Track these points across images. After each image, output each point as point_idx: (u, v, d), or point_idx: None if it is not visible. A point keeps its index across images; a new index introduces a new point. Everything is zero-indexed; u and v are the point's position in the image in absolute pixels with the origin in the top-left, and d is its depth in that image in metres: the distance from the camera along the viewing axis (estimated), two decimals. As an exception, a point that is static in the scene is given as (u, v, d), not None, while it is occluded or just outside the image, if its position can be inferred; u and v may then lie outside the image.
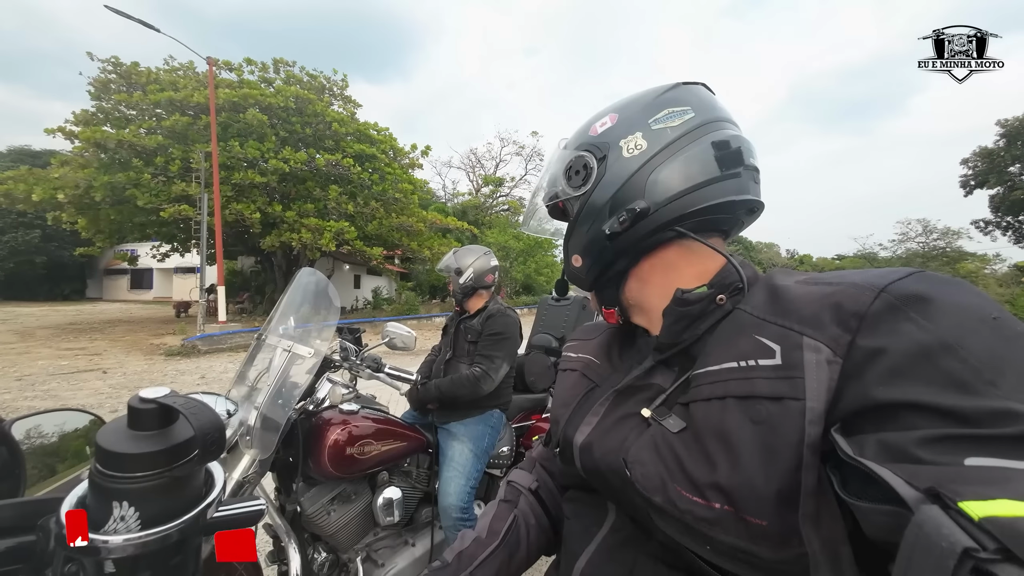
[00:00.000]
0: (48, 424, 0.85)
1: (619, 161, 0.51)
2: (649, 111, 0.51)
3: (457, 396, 1.75)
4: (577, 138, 0.57)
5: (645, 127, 0.51)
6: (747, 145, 0.50)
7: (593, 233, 0.53)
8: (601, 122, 0.54)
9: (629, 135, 0.51)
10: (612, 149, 0.52)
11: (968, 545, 0.23)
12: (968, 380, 0.29)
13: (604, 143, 0.53)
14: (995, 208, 25.78)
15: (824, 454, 0.34)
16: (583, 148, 0.54)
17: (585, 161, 0.53)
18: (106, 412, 4.63)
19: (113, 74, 13.27)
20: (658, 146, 0.49)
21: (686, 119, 0.50)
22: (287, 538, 1.35)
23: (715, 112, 0.51)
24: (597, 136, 0.54)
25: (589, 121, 0.57)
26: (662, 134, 0.50)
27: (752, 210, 0.52)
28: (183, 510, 0.35)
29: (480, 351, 1.82)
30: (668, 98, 0.52)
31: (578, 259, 0.56)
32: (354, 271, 22.34)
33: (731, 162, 0.49)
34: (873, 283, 0.36)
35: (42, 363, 7.35)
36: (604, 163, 0.52)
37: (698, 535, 0.40)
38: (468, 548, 0.61)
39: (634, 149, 0.50)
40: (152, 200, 11.68)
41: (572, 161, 0.55)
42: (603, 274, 0.55)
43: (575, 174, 0.54)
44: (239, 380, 1.42)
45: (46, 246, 23.13)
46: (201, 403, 0.34)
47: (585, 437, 0.53)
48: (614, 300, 0.57)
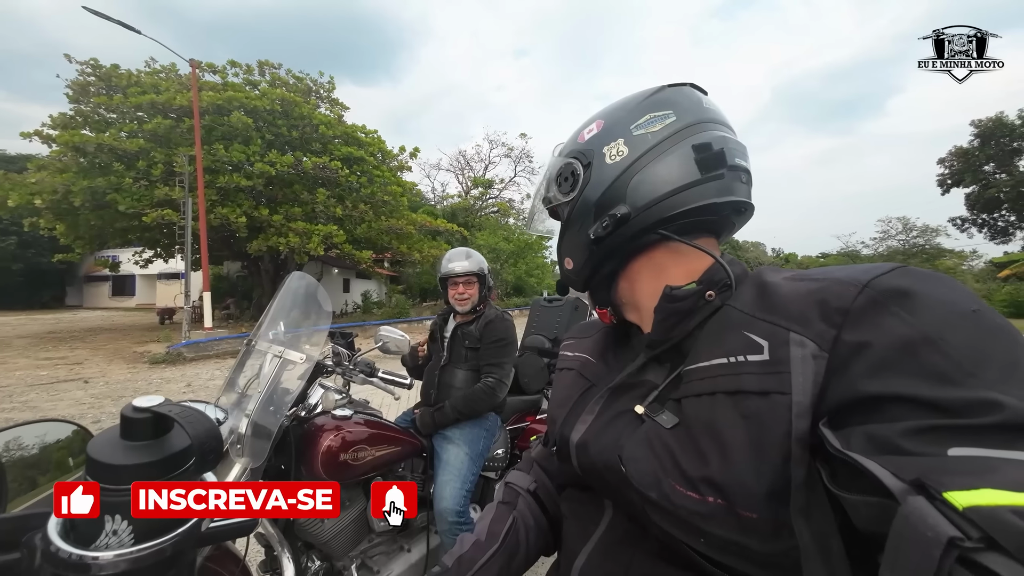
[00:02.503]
0: (29, 435, 0.83)
1: (602, 168, 0.52)
2: (632, 117, 0.53)
3: (476, 410, 1.76)
4: (568, 145, 0.59)
5: (627, 133, 0.52)
6: (732, 146, 0.50)
7: (580, 237, 0.54)
8: (588, 129, 0.56)
9: (612, 142, 0.52)
10: (596, 156, 0.53)
11: (953, 535, 0.24)
12: (950, 372, 0.30)
13: (589, 150, 0.54)
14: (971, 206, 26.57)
15: (812, 448, 0.35)
16: (571, 155, 0.56)
17: (573, 168, 0.55)
18: (88, 423, 4.51)
19: (92, 76, 12.95)
20: (638, 152, 0.50)
21: (667, 123, 0.51)
22: (280, 547, 1.33)
23: (699, 114, 0.52)
24: (584, 143, 0.55)
25: (579, 128, 0.59)
26: (643, 140, 0.51)
27: (740, 211, 0.53)
28: (178, 522, 0.34)
29: (487, 360, 1.81)
30: (651, 102, 0.53)
31: (569, 261, 0.58)
32: (343, 275, 22.14)
33: (713, 164, 0.49)
34: (857, 279, 0.36)
35: (20, 374, 7.12)
36: (589, 170, 0.53)
37: (692, 529, 0.40)
38: (468, 552, 0.60)
39: (616, 156, 0.52)
40: (134, 205, 11.42)
41: (562, 168, 0.57)
42: (593, 276, 0.57)
43: (564, 180, 0.56)
44: (228, 387, 1.39)
45: (23, 253, 22.54)
46: (197, 411, 0.33)
47: (581, 435, 0.54)
48: (606, 300, 0.58)
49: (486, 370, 1.80)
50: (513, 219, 31.98)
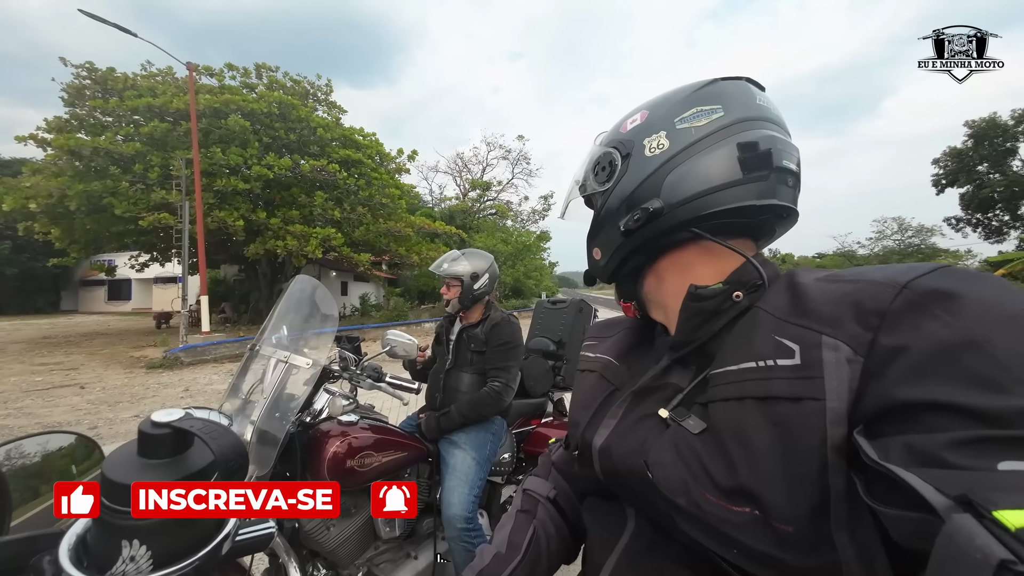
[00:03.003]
0: (31, 445, 0.81)
1: (641, 159, 0.51)
2: (677, 109, 0.51)
3: (483, 415, 1.74)
4: (610, 134, 0.58)
5: (670, 126, 0.50)
6: (781, 146, 0.47)
7: (611, 228, 0.54)
8: (632, 119, 0.55)
9: (653, 134, 0.51)
10: (636, 147, 0.52)
11: (1005, 557, 0.22)
12: (997, 378, 0.28)
13: (630, 141, 0.53)
14: (965, 206, 26.71)
15: (848, 457, 0.33)
16: (611, 144, 0.55)
17: (611, 158, 0.54)
18: (84, 429, 4.46)
19: (88, 80, 12.87)
20: (679, 146, 0.49)
21: (714, 118, 0.49)
22: (286, 556, 1.30)
23: (750, 111, 0.50)
24: (626, 133, 0.54)
25: (623, 117, 0.58)
26: (685, 134, 0.49)
27: (782, 216, 0.51)
28: (198, 545, 0.32)
29: (493, 363, 1.79)
30: (700, 95, 0.51)
31: (598, 252, 0.57)
32: (341, 278, 22.09)
33: (757, 165, 0.46)
34: (894, 279, 0.35)
35: (15, 379, 7.05)
36: (628, 161, 0.52)
37: (723, 538, 0.39)
38: (489, 565, 0.58)
39: (656, 148, 0.50)
40: (130, 209, 11.33)
41: (600, 157, 0.56)
42: (620, 269, 0.56)
43: (601, 170, 0.56)
44: (232, 393, 1.37)
45: (17, 257, 22.38)
46: (219, 425, 0.31)
47: (604, 440, 0.52)
48: (632, 294, 0.58)
49: (492, 374, 1.78)
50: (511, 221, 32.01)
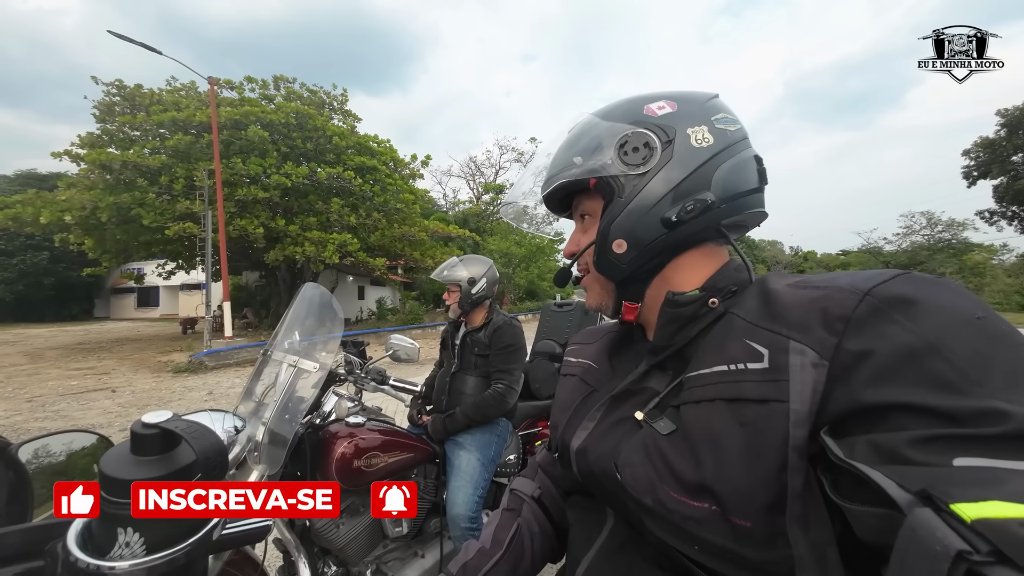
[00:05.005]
0: (56, 444, 0.86)
1: (688, 148, 0.49)
2: (708, 109, 0.51)
3: (487, 417, 1.77)
4: (628, 114, 0.52)
5: (710, 123, 0.50)
6: None
7: (648, 218, 0.49)
8: (658, 105, 0.51)
9: (696, 126, 0.49)
10: (680, 135, 0.49)
11: (961, 548, 0.23)
12: (954, 380, 0.29)
13: (670, 127, 0.50)
14: (999, 198, 25.57)
15: (814, 457, 0.34)
16: (642, 126, 0.50)
17: (647, 140, 0.49)
18: (115, 431, 4.65)
19: (117, 96, 13.52)
20: (722, 144, 0.50)
21: (737, 128, 0.52)
22: (297, 553, 1.35)
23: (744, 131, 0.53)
24: (658, 118, 0.50)
25: (635, 100, 0.53)
26: (724, 134, 0.50)
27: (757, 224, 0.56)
28: (188, 533, 0.36)
29: (496, 366, 1.82)
30: (715, 105, 0.53)
31: (622, 244, 0.51)
32: (358, 282, 22.42)
33: (763, 178, 0.52)
34: (858, 286, 0.36)
35: (52, 384, 7.41)
36: (671, 147, 0.49)
37: (686, 535, 0.40)
38: (472, 560, 0.61)
39: (702, 141, 0.49)
40: (157, 219, 11.81)
41: (629, 136, 0.50)
42: (644, 265, 0.51)
43: (633, 151, 0.50)
44: (246, 396, 1.43)
45: (54, 267, 23.39)
46: (203, 426, 0.35)
47: (581, 442, 0.54)
48: (639, 295, 0.54)
49: (496, 376, 1.81)
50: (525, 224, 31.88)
